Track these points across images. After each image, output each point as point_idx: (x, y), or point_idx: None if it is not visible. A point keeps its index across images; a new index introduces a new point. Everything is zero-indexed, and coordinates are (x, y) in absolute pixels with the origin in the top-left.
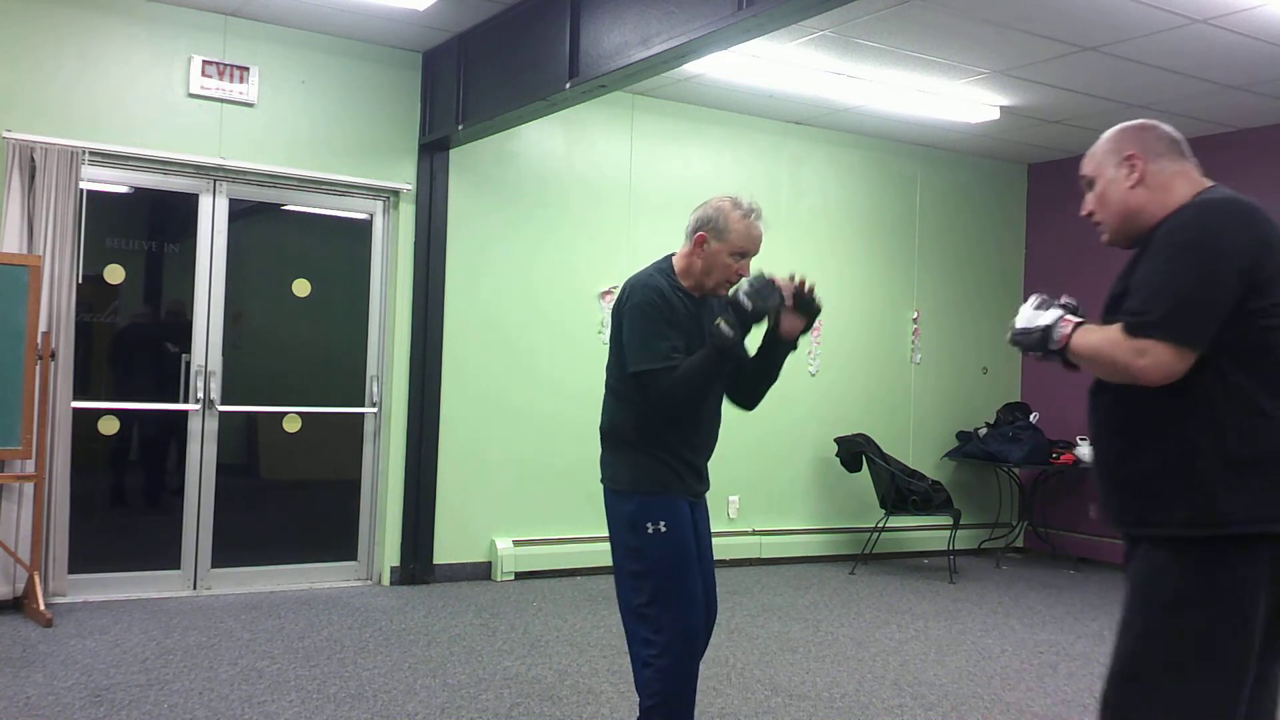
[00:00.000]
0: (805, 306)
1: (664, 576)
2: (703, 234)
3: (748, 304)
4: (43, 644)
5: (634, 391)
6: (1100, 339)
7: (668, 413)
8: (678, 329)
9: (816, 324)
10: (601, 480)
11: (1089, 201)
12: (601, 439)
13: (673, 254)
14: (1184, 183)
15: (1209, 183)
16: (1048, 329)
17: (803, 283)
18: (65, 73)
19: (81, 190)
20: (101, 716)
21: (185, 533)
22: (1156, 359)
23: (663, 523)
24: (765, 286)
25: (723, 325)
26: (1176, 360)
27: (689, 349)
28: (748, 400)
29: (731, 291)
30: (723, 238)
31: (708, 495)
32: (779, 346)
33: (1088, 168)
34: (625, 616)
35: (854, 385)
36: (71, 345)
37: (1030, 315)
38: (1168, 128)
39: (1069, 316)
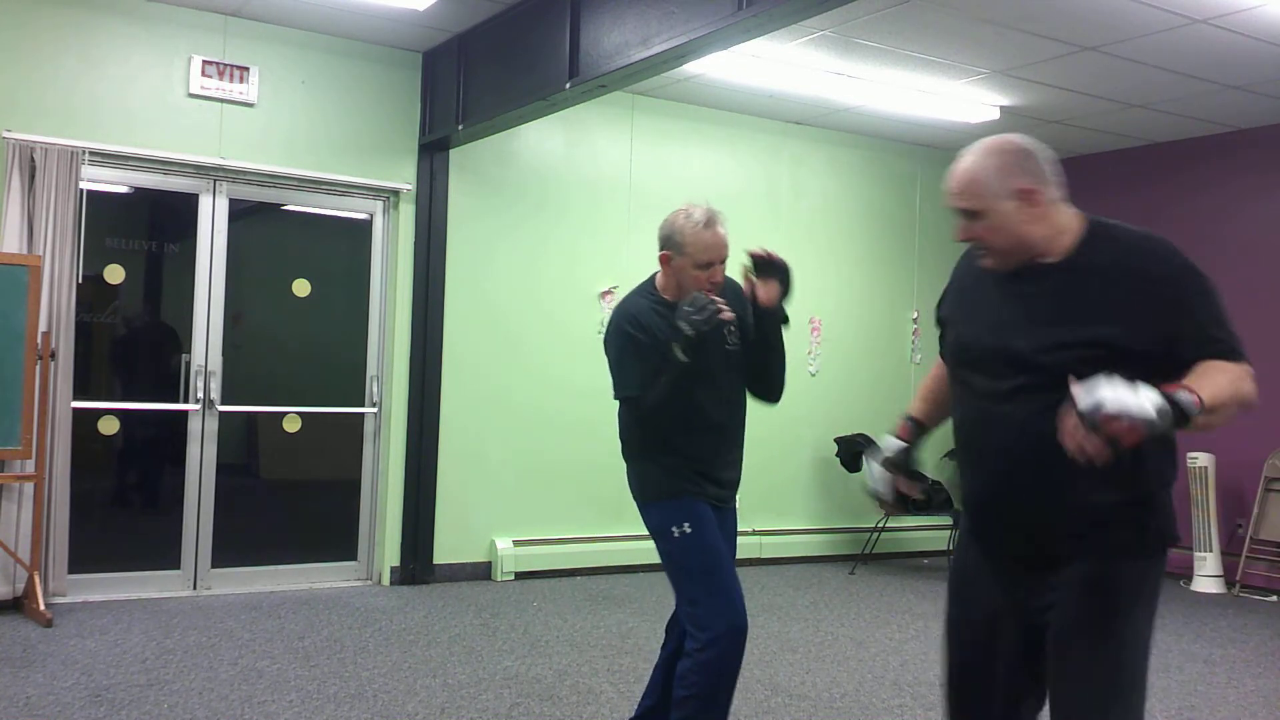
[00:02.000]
0: (769, 268)
1: (698, 577)
2: (666, 253)
3: (687, 329)
4: (43, 644)
5: (624, 415)
6: (1222, 380)
7: (653, 431)
8: (649, 352)
9: (817, 323)
10: (632, 497)
11: (973, 230)
12: (621, 453)
13: (656, 272)
14: (1064, 206)
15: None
16: (1175, 402)
17: (762, 251)
18: (65, 73)
19: (81, 190)
20: (101, 716)
21: (185, 533)
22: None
23: (686, 524)
24: (698, 307)
25: (676, 350)
26: None
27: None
28: (766, 389)
29: (676, 315)
30: (682, 252)
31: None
32: (765, 320)
33: (968, 201)
34: (680, 614)
35: (854, 385)
36: (71, 345)
37: (1126, 398)
38: (1040, 146)
39: (1164, 385)
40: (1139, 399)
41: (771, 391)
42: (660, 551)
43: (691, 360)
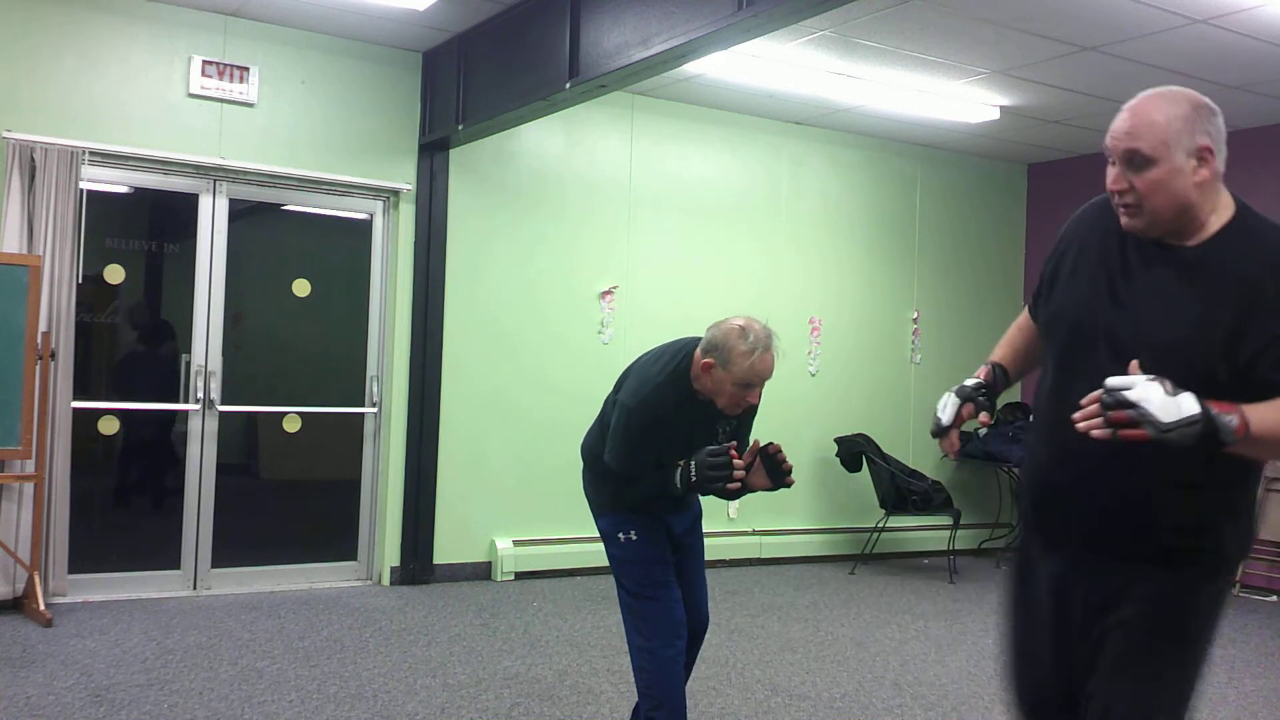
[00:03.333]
0: (774, 472)
1: (639, 581)
2: (709, 360)
3: (694, 476)
4: (43, 644)
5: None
6: None
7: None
8: (658, 440)
9: (817, 323)
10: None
11: (1132, 181)
12: (581, 454)
13: (696, 347)
14: (1221, 184)
15: None
16: (1211, 420)
17: (779, 452)
18: (65, 73)
19: (81, 190)
20: (101, 716)
21: (185, 533)
22: None
23: (633, 531)
24: (718, 467)
25: (676, 482)
26: None
27: (674, 444)
28: None
29: (695, 460)
30: (727, 369)
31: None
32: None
33: (1147, 144)
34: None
35: (854, 385)
36: (71, 345)
37: (1155, 396)
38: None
39: (1216, 402)
40: (1169, 402)
41: None
42: (608, 557)
43: (683, 489)
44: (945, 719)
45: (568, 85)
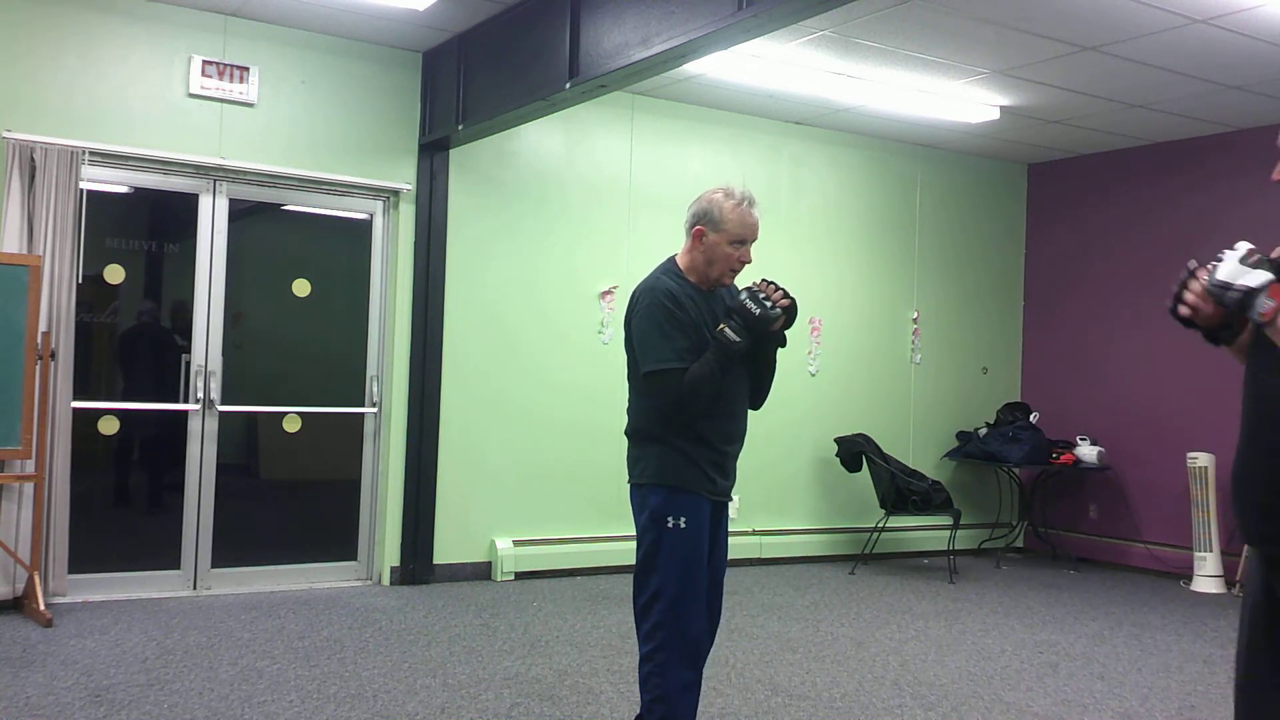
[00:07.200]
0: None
1: (673, 573)
2: (700, 228)
3: (754, 309)
4: (43, 644)
5: (650, 391)
6: None
7: (682, 411)
8: (688, 328)
9: (817, 323)
10: (629, 480)
11: None
12: (629, 438)
13: (674, 255)
14: None
15: None
16: (1250, 294)
17: (780, 291)
18: (65, 73)
19: (81, 190)
20: (101, 716)
21: (185, 533)
22: None
23: (684, 519)
24: (760, 297)
25: (728, 331)
26: None
27: (699, 344)
28: (753, 399)
29: (737, 299)
30: (719, 228)
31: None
32: (768, 341)
33: None
34: (635, 612)
35: (854, 385)
36: (71, 345)
37: (1235, 269)
38: None
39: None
40: (1238, 270)
41: (757, 399)
42: (642, 539)
43: (744, 342)
44: (945, 719)
45: (568, 85)
